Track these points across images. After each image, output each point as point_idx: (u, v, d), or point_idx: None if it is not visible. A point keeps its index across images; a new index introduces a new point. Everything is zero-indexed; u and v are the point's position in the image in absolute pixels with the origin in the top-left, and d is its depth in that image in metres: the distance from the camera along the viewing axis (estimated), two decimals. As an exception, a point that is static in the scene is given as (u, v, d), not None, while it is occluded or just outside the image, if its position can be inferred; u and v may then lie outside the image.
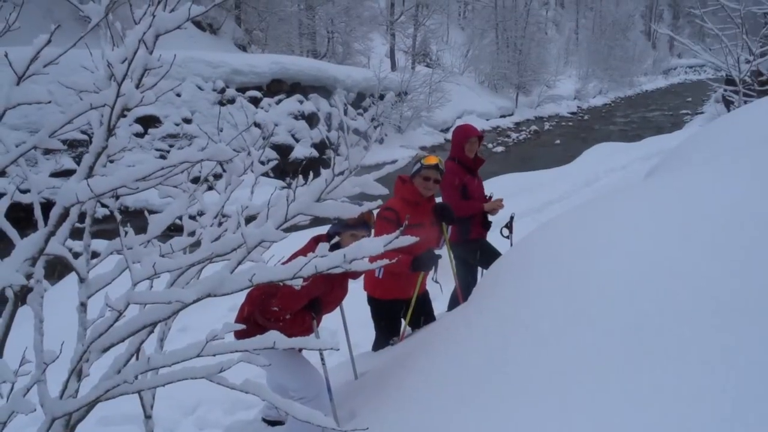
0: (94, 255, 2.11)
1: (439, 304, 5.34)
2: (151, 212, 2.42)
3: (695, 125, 15.99)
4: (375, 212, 3.63)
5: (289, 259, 3.14)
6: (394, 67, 25.10)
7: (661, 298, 2.06)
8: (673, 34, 13.06)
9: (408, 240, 1.66)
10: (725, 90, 9.46)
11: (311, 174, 2.31)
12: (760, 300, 1.83)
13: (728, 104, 14.58)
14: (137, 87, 1.52)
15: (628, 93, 39.53)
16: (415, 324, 4.25)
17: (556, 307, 2.33)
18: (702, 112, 25.08)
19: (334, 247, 1.74)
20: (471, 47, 30.31)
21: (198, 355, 1.68)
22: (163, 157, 12.12)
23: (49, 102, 1.43)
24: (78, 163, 10.53)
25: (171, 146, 12.42)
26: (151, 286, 2.13)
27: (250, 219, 1.99)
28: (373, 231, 3.45)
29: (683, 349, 1.80)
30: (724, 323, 1.81)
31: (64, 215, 1.63)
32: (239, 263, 1.74)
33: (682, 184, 3.07)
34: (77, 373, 1.77)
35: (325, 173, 1.77)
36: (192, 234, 2.21)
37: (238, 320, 3.22)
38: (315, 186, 1.71)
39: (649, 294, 2.10)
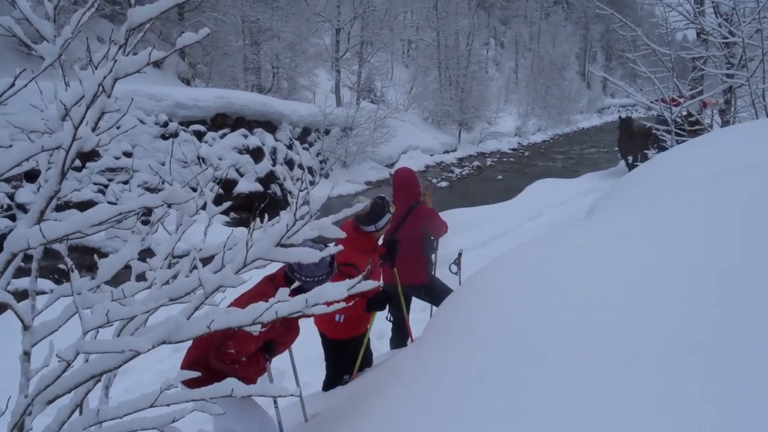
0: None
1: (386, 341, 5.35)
2: (91, 249, 2.34)
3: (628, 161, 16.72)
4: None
5: (239, 299, 3.08)
6: (339, 102, 25.27)
7: (610, 334, 2.12)
8: (607, 76, 13.67)
9: (370, 285, 1.66)
10: (657, 130, 9.91)
11: (257, 211, 2.29)
12: (709, 335, 1.90)
13: (627, 151, 15.54)
14: (93, 130, 1.49)
15: (566, 130, 40.90)
16: (364, 362, 4.23)
17: (509, 346, 2.36)
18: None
19: (295, 292, 1.72)
20: (415, 84, 30.87)
21: (151, 406, 1.62)
22: (101, 192, 11.74)
23: (10, 146, 1.38)
24: (9, 197, 10.09)
25: (110, 180, 12.05)
26: (98, 333, 2.05)
27: (202, 261, 1.95)
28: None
29: (630, 384, 1.86)
30: (672, 360, 1.87)
31: (10, 261, 1.56)
32: (196, 308, 1.70)
33: (624, 222, 3.19)
34: (19, 428, 1.68)
35: (284, 217, 1.76)
36: (142, 276, 2.15)
37: (185, 364, 3.11)
38: (275, 230, 1.70)
39: (597, 331, 2.16)
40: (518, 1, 56.12)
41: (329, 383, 4.24)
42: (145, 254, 2.31)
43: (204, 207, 2.36)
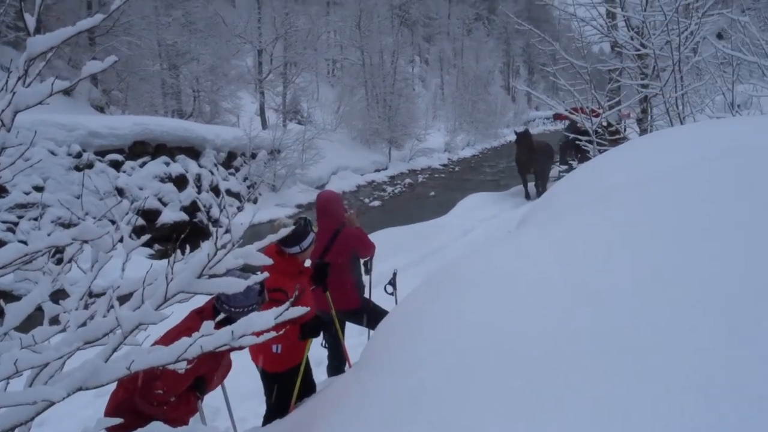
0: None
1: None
2: (1, 293, 2.17)
3: (554, 173, 17.17)
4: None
5: (166, 335, 2.94)
6: (265, 125, 24.90)
7: (548, 344, 2.12)
8: (530, 89, 14.12)
9: (299, 311, 1.60)
10: (580, 140, 10.23)
11: (178, 242, 2.20)
12: (642, 344, 1.93)
13: (526, 167, 15.98)
14: (-10, 166, 1.38)
15: (494, 144, 41.63)
16: (304, 391, 4.12)
17: (449, 363, 2.33)
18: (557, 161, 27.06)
19: (221, 323, 1.64)
20: (342, 104, 30.89)
21: (69, 460, 1.50)
22: (11, 230, 11.03)
23: None
24: None
25: (20, 217, 11.26)
26: (8, 384, 1.89)
27: (121, 298, 1.84)
28: None
29: (572, 394, 1.86)
30: (609, 367, 1.90)
31: None
32: (114, 350, 1.59)
33: (553, 233, 3.25)
34: None
35: (206, 246, 1.68)
36: (56, 319, 2.01)
37: (110, 408, 2.92)
38: (196, 261, 1.62)
39: (536, 341, 2.17)
40: (440, 19, 57.36)
41: (271, 418, 4.08)
42: (61, 295, 2.17)
43: (122, 240, 2.23)
